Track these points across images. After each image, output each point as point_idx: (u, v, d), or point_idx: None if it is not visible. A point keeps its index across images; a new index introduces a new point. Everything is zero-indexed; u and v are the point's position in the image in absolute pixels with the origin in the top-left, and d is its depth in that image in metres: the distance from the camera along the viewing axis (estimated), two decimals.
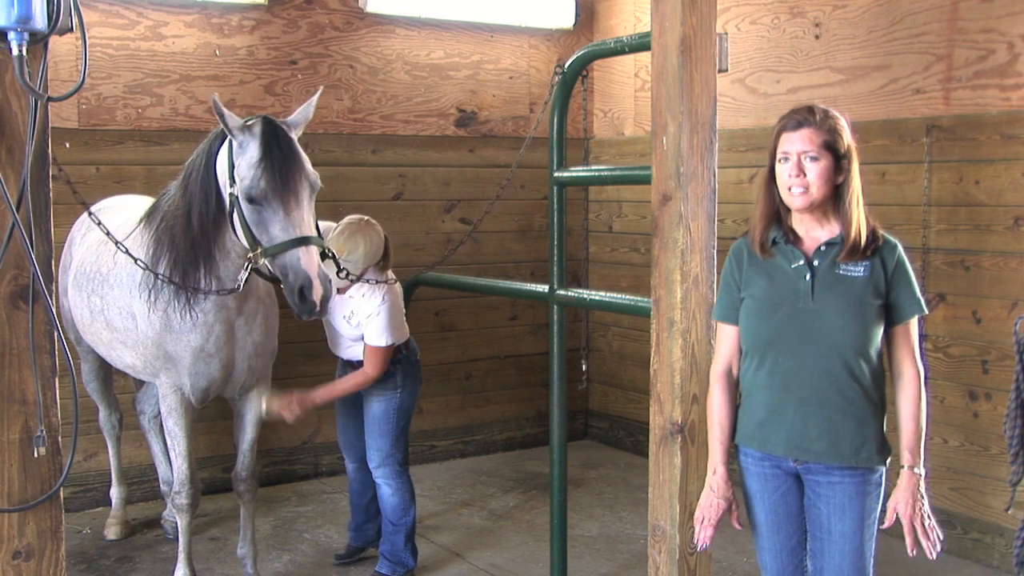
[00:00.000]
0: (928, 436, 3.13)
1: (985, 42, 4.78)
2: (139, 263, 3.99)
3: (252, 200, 3.72)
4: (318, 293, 3.66)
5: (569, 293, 4.37)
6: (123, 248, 3.97)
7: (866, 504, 2.87)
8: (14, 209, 2.49)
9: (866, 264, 2.84)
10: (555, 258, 4.34)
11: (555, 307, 4.36)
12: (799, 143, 2.81)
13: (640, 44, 3.81)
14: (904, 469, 2.85)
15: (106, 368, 5.08)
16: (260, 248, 3.74)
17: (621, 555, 5.10)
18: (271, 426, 4.53)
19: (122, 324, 4.22)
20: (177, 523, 4.45)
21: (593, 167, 6.64)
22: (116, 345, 4.32)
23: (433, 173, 6.61)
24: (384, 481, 4.60)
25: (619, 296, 4.53)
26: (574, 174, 4.47)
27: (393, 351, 4.47)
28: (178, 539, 4.46)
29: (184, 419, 4.22)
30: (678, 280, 3.30)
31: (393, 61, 6.41)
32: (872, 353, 2.84)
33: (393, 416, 4.55)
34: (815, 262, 2.87)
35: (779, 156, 2.86)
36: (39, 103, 2.53)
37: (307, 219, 3.75)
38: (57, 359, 2.63)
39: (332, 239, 4.27)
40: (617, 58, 6.70)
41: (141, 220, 4.22)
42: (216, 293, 3.99)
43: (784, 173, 2.84)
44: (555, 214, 4.31)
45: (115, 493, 5.33)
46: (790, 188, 2.83)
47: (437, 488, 6.13)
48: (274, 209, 3.69)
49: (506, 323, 6.97)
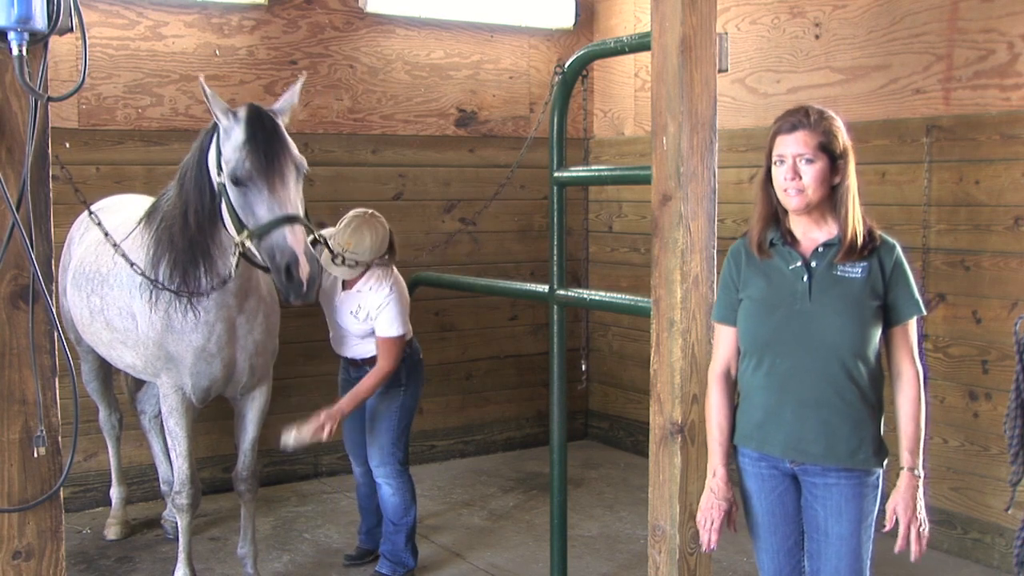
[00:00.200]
0: (928, 436, 3.13)
1: (985, 42, 4.78)
2: (135, 268, 3.98)
3: (238, 182, 3.72)
4: (304, 271, 3.62)
5: (569, 293, 4.37)
6: (121, 252, 3.97)
7: (863, 506, 2.87)
8: (14, 209, 2.49)
9: (863, 265, 2.84)
10: (555, 258, 4.33)
11: (555, 307, 4.36)
12: (794, 145, 2.81)
13: (640, 44, 3.81)
14: (904, 471, 2.85)
15: (106, 368, 5.07)
16: (247, 231, 3.73)
17: (621, 555, 5.10)
18: (271, 426, 4.52)
19: (122, 324, 4.21)
20: (177, 523, 4.45)
21: (593, 167, 6.63)
22: (116, 345, 4.32)
23: (433, 173, 6.61)
24: (385, 480, 4.59)
25: (619, 296, 4.53)
26: (574, 174, 4.47)
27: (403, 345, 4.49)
28: (178, 539, 4.46)
29: (185, 419, 4.22)
30: (678, 280, 3.30)
31: (393, 61, 6.41)
32: (870, 354, 2.83)
33: (396, 415, 4.55)
34: (812, 263, 2.87)
35: (775, 158, 2.85)
36: (39, 103, 2.53)
37: (293, 199, 3.73)
38: (57, 359, 2.63)
39: (338, 233, 4.28)
40: (617, 58, 6.70)
41: (141, 220, 4.22)
42: (212, 288, 3.96)
43: (780, 176, 2.83)
44: (555, 214, 4.31)
45: (115, 493, 5.33)
46: (786, 190, 2.83)
47: (437, 488, 6.13)
48: (259, 189, 3.69)
49: (506, 323, 6.97)
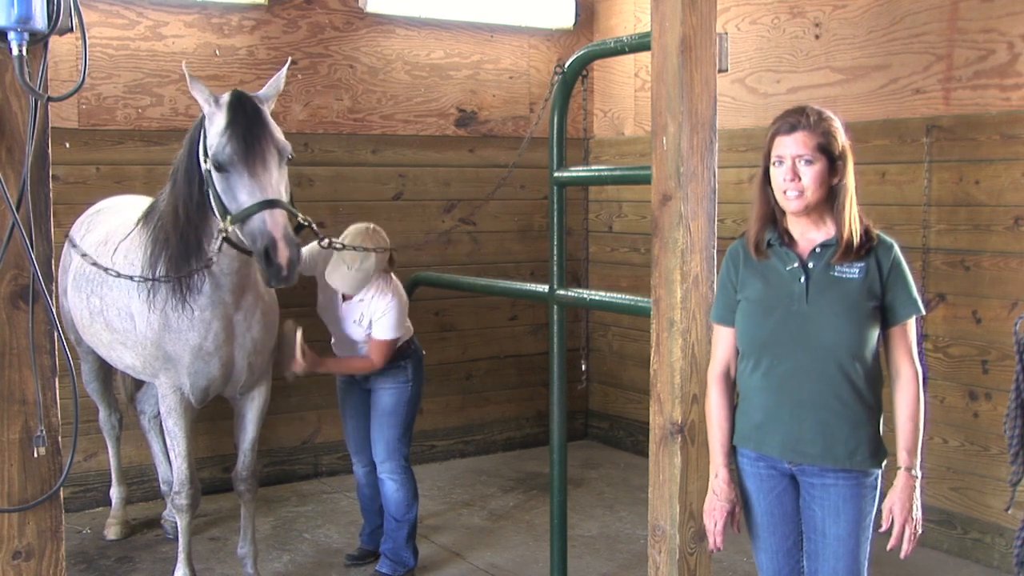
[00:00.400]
0: (928, 436, 3.13)
1: (985, 42, 4.78)
2: (126, 277, 3.98)
3: (220, 167, 3.73)
4: (283, 255, 3.62)
5: (569, 293, 4.37)
6: (113, 273, 3.96)
7: (861, 507, 2.86)
8: (14, 209, 2.49)
9: (861, 265, 2.83)
10: (555, 258, 4.33)
11: (555, 307, 4.36)
12: (793, 147, 2.80)
13: (640, 44, 3.81)
14: (901, 470, 2.84)
15: (106, 369, 5.07)
16: (230, 217, 3.73)
17: (621, 555, 5.10)
18: (271, 426, 4.53)
19: (121, 325, 4.22)
20: (177, 523, 4.45)
21: (593, 167, 6.63)
22: (116, 346, 4.32)
23: (433, 173, 6.61)
24: (389, 476, 4.62)
25: (619, 296, 4.53)
26: (574, 174, 4.47)
27: (404, 346, 4.55)
28: (178, 539, 4.46)
29: (184, 419, 4.21)
30: (678, 280, 3.30)
31: (393, 61, 6.41)
32: (867, 355, 2.83)
33: (403, 408, 4.60)
34: (810, 264, 2.86)
35: (773, 159, 2.84)
36: (39, 103, 2.53)
37: (275, 184, 3.73)
38: (57, 359, 2.63)
39: (343, 252, 4.25)
40: (617, 58, 6.70)
41: (139, 220, 4.23)
42: (195, 271, 3.92)
43: (779, 177, 2.82)
44: (555, 214, 4.31)
45: (115, 493, 5.33)
46: (785, 192, 2.82)
47: (437, 488, 6.13)
48: (240, 174, 3.70)
49: (506, 323, 6.97)
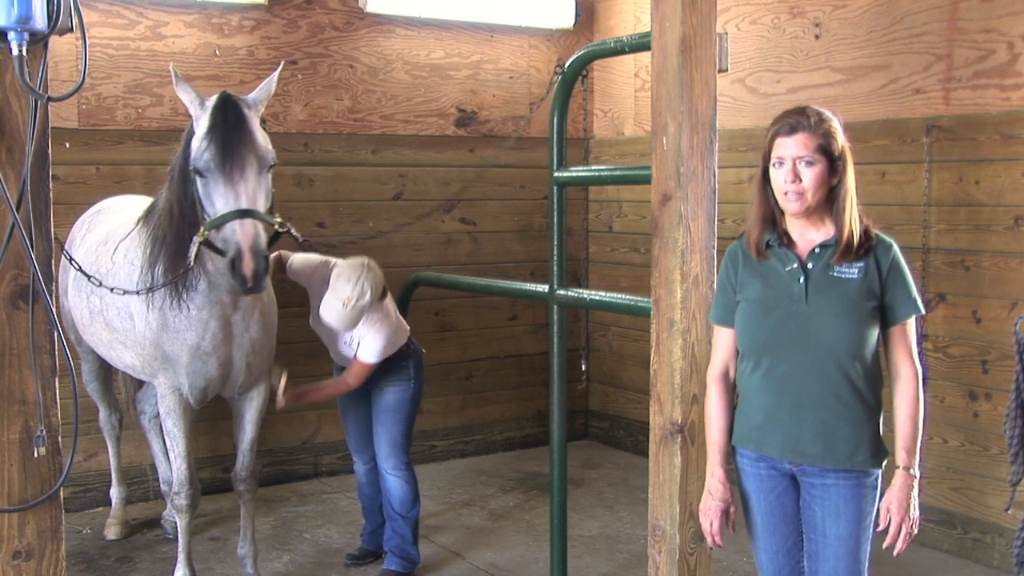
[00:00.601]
0: (927, 436, 3.13)
1: (985, 42, 4.77)
2: (117, 290, 4.00)
3: (199, 172, 3.73)
4: (248, 267, 3.62)
5: (569, 293, 4.37)
6: (97, 281, 3.99)
7: (861, 507, 2.86)
8: (14, 209, 2.49)
9: (860, 265, 2.83)
10: (555, 258, 4.33)
11: (555, 307, 4.36)
12: (794, 148, 2.79)
13: (640, 44, 3.82)
14: (899, 469, 2.84)
15: (106, 368, 5.07)
16: (207, 222, 3.74)
17: (621, 555, 5.10)
18: (271, 426, 4.53)
19: (121, 324, 4.22)
20: (177, 523, 4.45)
21: (593, 167, 6.63)
22: (116, 345, 4.32)
23: (433, 173, 6.60)
24: (392, 472, 4.63)
25: (619, 296, 4.53)
26: (574, 174, 4.47)
27: (404, 346, 4.56)
28: (178, 539, 4.46)
29: (183, 420, 4.21)
30: (678, 280, 3.30)
31: (393, 61, 6.41)
32: (867, 355, 2.83)
33: (407, 406, 4.62)
34: (809, 264, 2.86)
35: (774, 160, 2.84)
36: (39, 103, 2.53)
37: (251, 192, 3.71)
38: (57, 359, 2.63)
39: (338, 288, 4.23)
40: (617, 58, 6.70)
41: (139, 220, 4.23)
42: (178, 274, 3.90)
43: (780, 178, 2.82)
44: (555, 214, 4.31)
45: (115, 493, 5.33)
46: (786, 193, 2.81)
47: (437, 488, 6.13)
48: (216, 179, 3.70)
49: (506, 323, 6.97)
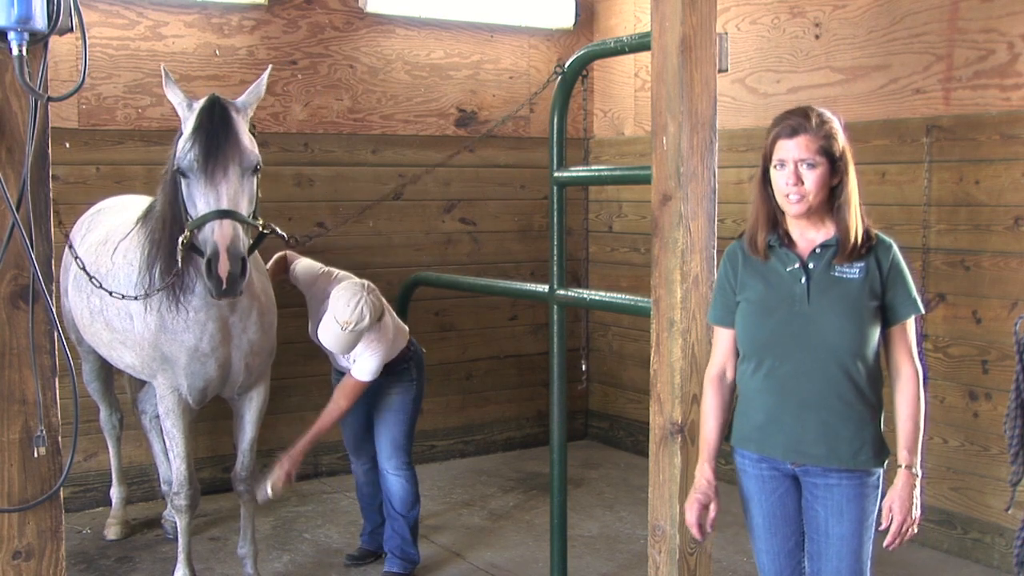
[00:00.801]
0: (928, 436, 3.13)
1: (985, 42, 4.77)
2: (115, 294, 4.00)
3: (183, 173, 3.74)
4: (223, 268, 3.61)
5: (569, 293, 4.37)
6: (97, 282, 3.97)
7: (864, 506, 2.86)
8: (14, 209, 2.49)
9: (861, 265, 2.83)
10: (555, 258, 4.34)
11: (555, 307, 4.36)
12: (796, 151, 2.78)
13: (640, 44, 3.82)
14: (901, 468, 2.84)
15: (107, 368, 5.08)
16: (189, 223, 3.74)
17: (621, 555, 5.10)
18: (271, 426, 4.53)
19: (120, 324, 4.22)
20: (177, 523, 4.45)
21: (593, 167, 6.63)
22: (116, 345, 4.33)
23: (433, 173, 6.60)
24: (394, 472, 4.63)
25: (619, 296, 4.54)
26: (574, 174, 4.48)
27: (404, 348, 4.56)
28: (178, 539, 4.46)
29: (182, 420, 4.21)
30: (678, 280, 3.30)
31: (393, 61, 6.41)
32: (869, 355, 2.83)
33: (409, 407, 4.62)
34: (810, 265, 2.86)
35: (775, 162, 2.83)
36: (39, 103, 2.53)
37: (232, 193, 3.70)
38: (57, 359, 2.63)
39: (337, 311, 4.21)
40: (617, 58, 6.69)
41: (138, 220, 4.24)
42: (171, 278, 3.90)
43: (781, 181, 2.81)
44: (555, 214, 4.31)
45: (115, 493, 5.33)
46: (788, 196, 2.81)
47: (437, 488, 6.12)
48: (198, 180, 3.70)
49: (506, 323, 6.97)
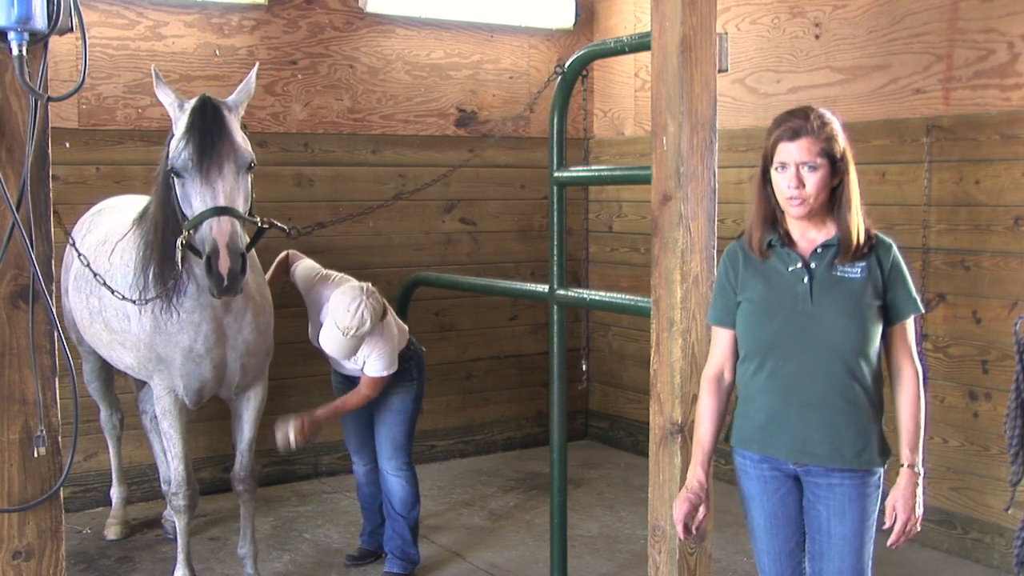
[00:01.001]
0: (928, 436, 3.13)
1: (985, 42, 4.77)
2: (116, 294, 4.00)
3: (177, 173, 3.74)
4: (224, 264, 3.61)
5: (569, 293, 4.37)
6: (101, 279, 3.99)
7: (866, 506, 2.87)
8: (14, 209, 2.49)
9: (862, 265, 2.83)
10: (555, 258, 4.34)
11: (555, 307, 4.36)
12: (797, 154, 2.78)
13: (640, 44, 3.82)
14: (904, 467, 2.84)
15: (107, 368, 5.08)
16: (187, 223, 3.74)
17: (621, 555, 5.10)
18: (270, 426, 4.52)
19: (119, 325, 4.22)
20: (176, 523, 4.46)
21: (593, 167, 6.63)
22: (115, 346, 4.33)
23: (433, 173, 6.58)
24: (394, 472, 4.63)
25: (619, 296, 4.53)
26: (574, 174, 4.48)
27: (405, 349, 4.55)
28: (178, 539, 4.46)
29: (179, 421, 4.21)
30: (678, 280, 3.30)
31: (393, 61, 6.41)
32: (872, 354, 2.83)
33: (409, 407, 4.63)
34: (812, 264, 2.86)
35: (776, 164, 2.83)
36: (39, 103, 2.53)
37: (228, 191, 3.71)
38: (57, 359, 2.63)
39: (337, 317, 4.21)
40: (617, 58, 6.69)
41: (135, 221, 4.24)
42: (164, 284, 3.89)
43: (783, 183, 2.81)
44: (555, 214, 4.31)
45: (115, 493, 5.33)
46: (790, 199, 2.80)
47: (437, 488, 6.12)
48: (194, 179, 3.70)
49: (506, 323, 6.97)
